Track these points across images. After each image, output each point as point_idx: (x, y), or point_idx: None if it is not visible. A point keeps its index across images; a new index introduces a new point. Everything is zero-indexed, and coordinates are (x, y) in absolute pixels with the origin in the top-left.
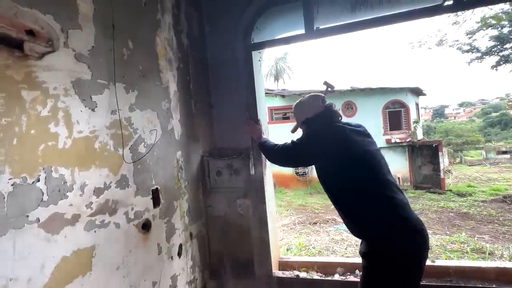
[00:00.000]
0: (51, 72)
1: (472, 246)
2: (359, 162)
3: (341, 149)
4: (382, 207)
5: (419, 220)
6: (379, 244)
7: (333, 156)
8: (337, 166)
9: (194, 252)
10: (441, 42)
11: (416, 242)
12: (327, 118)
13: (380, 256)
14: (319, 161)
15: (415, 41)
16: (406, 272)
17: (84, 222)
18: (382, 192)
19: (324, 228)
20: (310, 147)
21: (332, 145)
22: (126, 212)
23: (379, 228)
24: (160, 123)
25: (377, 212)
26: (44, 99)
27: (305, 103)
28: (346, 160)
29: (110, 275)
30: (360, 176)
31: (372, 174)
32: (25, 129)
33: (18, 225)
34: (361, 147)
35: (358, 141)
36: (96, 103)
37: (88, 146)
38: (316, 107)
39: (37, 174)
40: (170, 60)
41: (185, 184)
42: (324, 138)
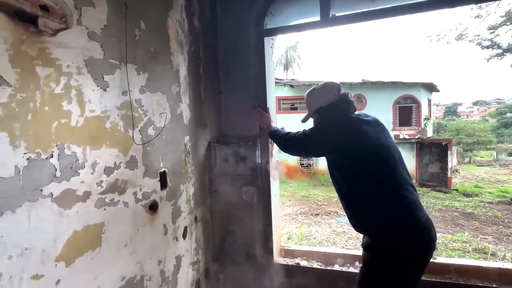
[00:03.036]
0: (65, 49)
1: (474, 246)
2: (371, 156)
3: (352, 142)
4: (393, 205)
5: (430, 220)
6: (384, 241)
7: (343, 150)
8: (347, 160)
9: (198, 235)
10: (461, 36)
11: (423, 243)
12: (341, 109)
13: (383, 252)
14: (329, 154)
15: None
16: (408, 270)
17: (94, 200)
18: (394, 189)
19: (325, 220)
20: (320, 139)
21: (344, 139)
22: (135, 192)
23: (387, 227)
24: (170, 106)
25: (386, 211)
26: (58, 77)
27: (319, 91)
28: (357, 154)
29: (118, 251)
30: (371, 171)
31: (385, 169)
32: (39, 105)
33: (33, 199)
34: (374, 140)
35: (371, 134)
36: (108, 83)
37: (100, 126)
38: (331, 96)
39: (51, 151)
40: (181, 43)
41: (191, 169)
42: (335, 131)
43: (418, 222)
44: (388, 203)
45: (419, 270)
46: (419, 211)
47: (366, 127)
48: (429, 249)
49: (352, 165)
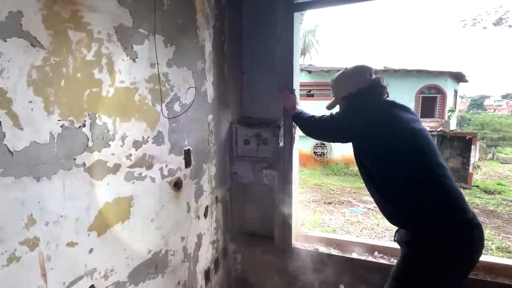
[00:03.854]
0: (95, 13)
1: (497, 245)
2: (406, 142)
3: (385, 127)
4: (433, 195)
5: (474, 214)
6: (426, 236)
7: (375, 137)
8: (380, 147)
9: (218, 215)
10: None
11: (475, 239)
12: (373, 96)
13: (426, 248)
14: (358, 140)
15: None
16: (456, 269)
17: (124, 172)
18: (433, 177)
19: (339, 209)
20: (350, 123)
21: (376, 123)
22: (161, 168)
23: (429, 219)
24: (195, 83)
25: (428, 201)
26: (89, 43)
27: (349, 75)
28: (391, 142)
29: (145, 225)
30: (407, 158)
31: (421, 156)
32: (71, 71)
33: (67, 167)
34: (409, 126)
35: (406, 119)
36: (137, 54)
37: (129, 98)
38: (362, 81)
39: (83, 120)
40: (207, 17)
41: (214, 149)
42: (367, 115)
43: (466, 216)
44: (431, 193)
45: (466, 268)
46: (465, 204)
47: (400, 112)
48: (478, 246)
49: (384, 153)
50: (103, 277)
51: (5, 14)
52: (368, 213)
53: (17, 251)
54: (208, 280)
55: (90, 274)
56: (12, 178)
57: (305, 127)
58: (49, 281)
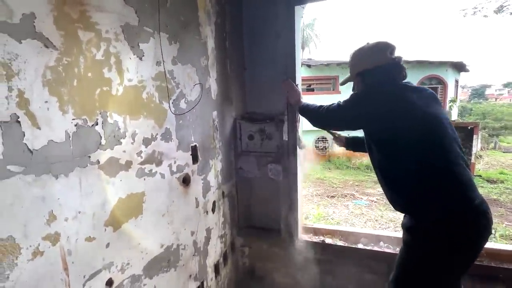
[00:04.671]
0: (103, 13)
1: (501, 232)
2: (418, 128)
3: (394, 116)
4: (442, 182)
5: (485, 202)
6: (431, 223)
7: (384, 123)
8: (388, 133)
9: (225, 210)
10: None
11: (480, 226)
12: (389, 75)
13: (429, 235)
14: (366, 128)
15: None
16: (457, 256)
17: (135, 169)
18: (444, 164)
19: (342, 202)
20: (357, 112)
21: (387, 107)
22: (170, 164)
23: (434, 207)
24: (199, 80)
25: (434, 189)
26: (98, 42)
27: (368, 50)
28: (399, 128)
29: (158, 220)
30: (415, 146)
31: (430, 143)
32: (83, 71)
33: (83, 164)
34: (423, 109)
35: (420, 103)
36: (143, 52)
37: (137, 96)
38: (381, 58)
39: (95, 118)
40: (208, 13)
41: (219, 145)
42: (377, 99)
43: (472, 203)
44: (437, 180)
45: (470, 256)
46: (473, 191)
47: (414, 95)
48: (484, 233)
49: (393, 139)
50: (120, 270)
51: (19, 16)
52: (371, 205)
53: (40, 246)
54: (217, 273)
55: (108, 268)
56: (33, 176)
57: (313, 119)
58: (70, 274)
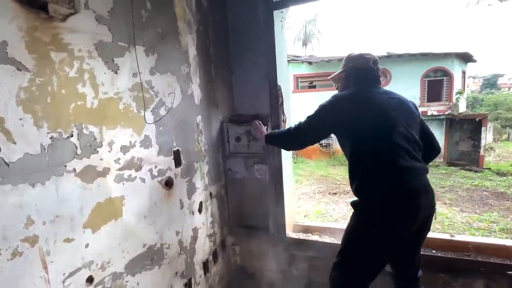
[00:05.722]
0: (75, 34)
1: (502, 226)
2: (373, 127)
3: (358, 116)
4: (380, 170)
5: (425, 189)
6: (367, 202)
7: (349, 124)
8: (351, 132)
9: (214, 210)
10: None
11: (408, 210)
12: (362, 77)
13: (365, 211)
14: (336, 130)
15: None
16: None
17: (113, 175)
18: (389, 156)
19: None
20: (325, 118)
21: (348, 113)
22: (150, 169)
23: (376, 190)
24: (180, 87)
25: (374, 175)
26: (71, 61)
27: (358, 54)
28: (360, 127)
29: (139, 222)
30: (372, 140)
31: (384, 138)
32: (56, 88)
33: (59, 173)
34: (382, 112)
35: (381, 106)
36: (118, 66)
37: (113, 107)
38: (362, 62)
39: (71, 130)
40: (189, 22)
41: (205, 148)
42: (338, 107)
43: (405, 187)
44: (376, 168)
45: (401, 237)
46: (411, 177)
47: (379, 98)
48: (414, 217)
49: (355, 135)
50: (100, 268)
51: None
52: None
53: (19, 247)
54: (207, 271)
55: (88, 266)
56: (10, 185)
57: (286, 142)
58: (50, 272)
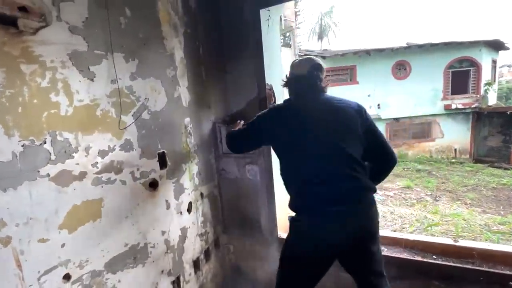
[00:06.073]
0: (47, 46)
1: None
2: (292, 143)
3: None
4: (297, 193)
5: (340, 216)
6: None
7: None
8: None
9: (206, 210)
10: None
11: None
12: (298, 85)
13: (290, 230)
14: (268, 141)
15: None
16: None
17: (91, 179)
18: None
19: None
20: (256, 127)
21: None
22: (132, 171)
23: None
24: (165, 90)
25: (294, 198)
26: (43, 72)
27: (297, 61)
28: (281, 142)
29: (119, 223)
30: (288, 158)
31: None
32: (28, 99)
33: (31, 178)
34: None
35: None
36: (95, 74)
37: (90, 114)
38: (300, 70)
39: (44, 138)
40: (175, 26)
41: (194, 149)
42: (269, 118)
43: (319, 212)
44: (297, 189)
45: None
46: (329, 202)
47: (310, 108)
48: (329, 245)
49: (279, 147)
50: (78, 266)
51: None
52: (386, 200)
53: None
54: (198, 269)
55: (64, 264)
56: None
57: (228, 145)
58: (24, 270)
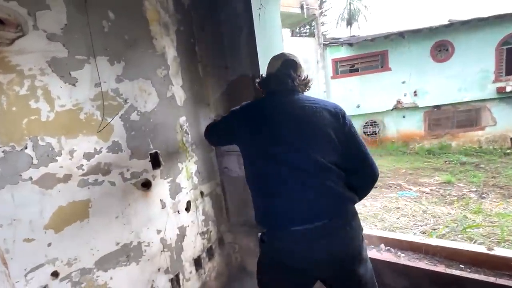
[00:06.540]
0: (24, 55)
1: None
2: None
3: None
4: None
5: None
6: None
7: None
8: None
9: (207, 208)
10: None
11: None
12: (269, 84)
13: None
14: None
15: None
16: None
17: (76, 181)
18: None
19: (384, 194)
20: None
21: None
22: (121, 172)
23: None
24: (156, 90)
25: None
26: (21, 80)
27: (272, 57)
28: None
29: (109, 222)
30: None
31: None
32: (6, 107)
33: (13, 182)
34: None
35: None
36: (77, 79)
37: (73, 118)
38: (271, 66)
39: (25, 143)
40: (165, 24)
41: (192, 148)
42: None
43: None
44: (261, 201)
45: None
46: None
47: (278, 109)
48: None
49: (243, 153)
50: (66, 264)
51: None
52: (421, 197)
53: None
54: (199, 267)
55: (52, 262)
56: None
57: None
58: (10, 267)
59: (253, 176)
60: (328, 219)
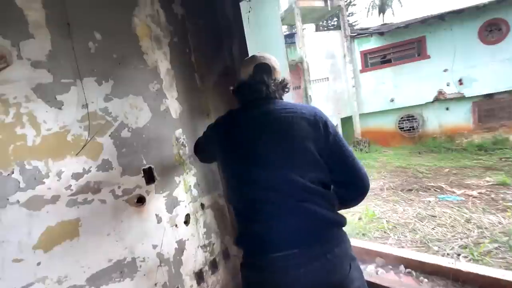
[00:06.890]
0: (8, 84)
1: None
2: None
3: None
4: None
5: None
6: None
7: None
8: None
9: (209, 220)
10: None
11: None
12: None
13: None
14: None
15: None
16: None
17: (65, 201)
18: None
19: (421, 197)
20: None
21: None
22: (112, 190)
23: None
24: (149, 105)
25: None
26: (6, 109)
27: (243, 63)
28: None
29: (101, 240)
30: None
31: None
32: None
33: (1, 206)
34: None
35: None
36: (63, 102)
37: (60, 140)
38: (242, 73)
39: (11, 168)
40: (157, 38)
41: (190, 160)
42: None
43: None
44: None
45: None
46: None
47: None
48: None
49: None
50: (57, 282)
51: None
52: (467, 203)
53: None
54: (202, 281)
55: (42, 281)
56: None
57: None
58: None
59: (231, 195)
60: (307, 245)
